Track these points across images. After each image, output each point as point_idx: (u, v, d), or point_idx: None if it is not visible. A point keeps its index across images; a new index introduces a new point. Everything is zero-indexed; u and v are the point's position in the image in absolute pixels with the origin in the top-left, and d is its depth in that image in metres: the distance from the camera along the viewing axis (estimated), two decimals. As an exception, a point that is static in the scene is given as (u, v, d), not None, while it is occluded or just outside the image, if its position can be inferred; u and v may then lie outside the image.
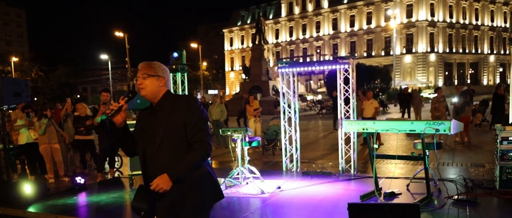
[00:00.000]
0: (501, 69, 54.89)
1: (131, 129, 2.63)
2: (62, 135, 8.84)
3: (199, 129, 2.47)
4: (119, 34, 42.81)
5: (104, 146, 8.16)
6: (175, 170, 2.40)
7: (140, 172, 7.08)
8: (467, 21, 52.10)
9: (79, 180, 6.79)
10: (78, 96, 59.86)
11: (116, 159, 8.92)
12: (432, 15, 49.35)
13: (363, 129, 5.20)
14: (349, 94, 7.17)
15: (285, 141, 7.94)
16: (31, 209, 5.60)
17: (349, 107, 7.28)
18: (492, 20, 54.14)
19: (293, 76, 7.82)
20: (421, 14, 48.75)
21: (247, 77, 37.21)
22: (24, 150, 8.49)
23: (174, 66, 8.62)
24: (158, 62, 2.64)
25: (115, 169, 8.74)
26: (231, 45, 72.19)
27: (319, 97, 40.46)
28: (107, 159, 8.45)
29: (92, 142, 8.73)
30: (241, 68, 61.75)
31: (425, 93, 34.77)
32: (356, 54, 54.75)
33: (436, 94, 12.93)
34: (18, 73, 52.34)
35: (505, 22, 52.72)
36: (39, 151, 8.35)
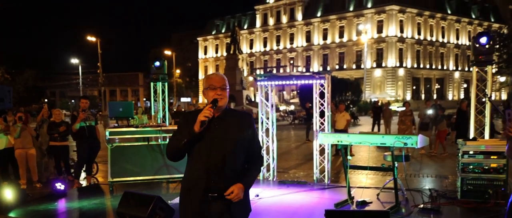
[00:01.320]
0: (465, 85, 57.36)
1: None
2: (38, 140, 8.78)
3: (259, 145, 2.78)
4: (91, 39, 42.21)
5: (82, 153, 8.18)
6: (249, 181, 2.64)
7: (122, 179, 7.23)
8: (434, 39, 54.34)
9: (59, 186, 6.82)
10: (46, 100, 58.15)
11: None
12: (402, 31, 51.23)
13: (338, 141, 5.57)
14: (324, 107, 7.55)
15: (263, 151, 8.23)
16: (12, 215, 5.63)
17: (324, 120, 7.66)
18: (457, 38, 56.71)
19: (272, 90, 8.15)
20: (391, 30, 50.52)
21: (221, 86, 37.38)
22: (3, 155, 8.37)
23: (154, 76, 8.78)
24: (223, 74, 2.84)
25: (91, 176, 8.78)
26: (205, 53, 72.26)
27: (292, 107, 41.07)
28: (84, 165, 8.48)
29: (66, 148, 8.65)
30: (215, 77, 61.71)
31: (393, 106, 35.96)
32: (328, 67, 56.01)
33: (404, 108, 13.61)
34: (-18, 74, 50.47)
35: (469, 40, 55.26)
36: (14, 156, 8.26)
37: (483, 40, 6.21)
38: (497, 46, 39.50)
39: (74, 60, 51.73)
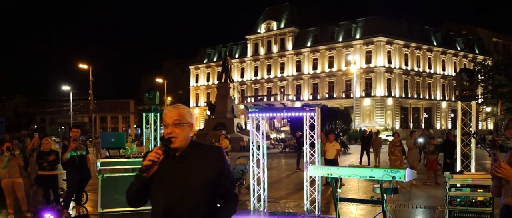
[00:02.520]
0: (452, 115, 58.30)
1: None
2: (27, 169, 8.71)
3: (231, 181, 2.46)
4: (83, 66, 42.30)
5: (72, 183, 8.14)
6: None
7: (112, 210, 7.19)
8: (421, 69, 55.55)
9: (49, 216, 6.76)
10: (36, 127, 57.58)
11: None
12: (389, 62, 52.34)
13: (328, 174, 5.67)
14: (314, 139, 7.69)
15: (254, 181, 8.27)
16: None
17: (314, 151, 7.78)
18: (444, 69, 58.04)
19: (262, 121, 8.28)
20: (379, 60, 51.58)
21: (212, 114, 37.55)
22: None
23: (146, 107, 8.90)
24: (184, 106, 2.47)
25: (80, 206, 8.69)
26: (196, 81, 72.70)
27: (282, 136, 41.20)
28: (74, 195, 8.41)
29: (55, 178, 8.58)
30: (206, 104, 62.09)
31: (383, 135, 36.31)
32: (318, 96, 56.62)
33: (393, 138, 13.81)
34: (-29, 100, 50.05)
35: (455, 71, 56.56)
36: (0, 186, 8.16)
37: (466, 76, 6.46)
38: (482, 77, 40.44)
39: (65, 87, 51.62)
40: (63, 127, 60.23)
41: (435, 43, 56.52)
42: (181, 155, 2.33)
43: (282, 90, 60.61)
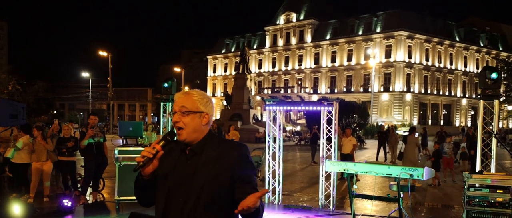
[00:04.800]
0: (472, 113, 57.11)
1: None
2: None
3: (252, 186, 1.89)
4: (102, 53, 42.82)
5: (89, 169, 8.27)
6: None
7: (128, 198, 7.29)
8: (442, 65, 54.43)
9: (66, 202, 6.90)
10: (55, 112, 58.84)
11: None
12: (410, 57, 51.42)
13: (344, 170, 5.61)
14: (331, 134, 7.62)
15: (269, 174, 8.27)
16: (20, 230, 5.71)
17: (330, 146, 7.72)
18: (465, 66, 56.75)
19: (280, 114, 8.25)
20: (399, 55, 50.73)
21: (228, 105, 37.65)
22: (18, 168, 8.43)
23: (164, 96, 8.95)
24: (200, 91, 2.04)
25: (97, 192, 8.84)
26: (214, 71, 72.87)
27: (298, 128, 41.06)
28: (91, 182, 8.56)
29: (73, 164, 8.74)
30: (222, 94, 62.28)
31: (400, 131, 35.82)
32: (336, 89, 56.14)
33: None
34: (-6, 85, 51.26)
35: (477, 68, 55.30)
36: (26, 171, 8.33)
37: (493, 75, 6.27)
38: (505, 75, 39.45)
39: (85, 74, 52.42)
40: (81, 113, 61.31)
41: (457, 39, 55.24)
42: (192, 150, 1.93)
43: (299, 82, 60.26)
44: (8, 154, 8.46)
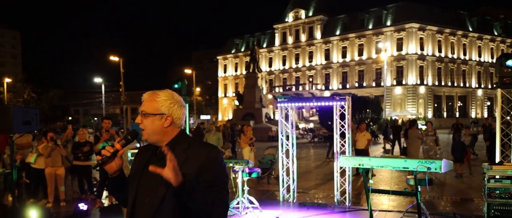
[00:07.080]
0: (488, 103, 56.09)
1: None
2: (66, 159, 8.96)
3: (217, 191, 1.84)
4: (114, 58, 43.14)
5: (104, 173, 8.31)
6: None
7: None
8: (455, 56, 53.55)
9: (82, 206, 6.94)
10: (70, 118, 59.64)
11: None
12: (422, 49, 50.71)
13: (359, 165, 5.51)
14: (345, 129, 7.51)
15: (283, 172, 8.20)
16: (37, 235, 5.75)
17: (344, 141, 7.61)
18: (480, 56, 55.71)
19: (292, 111, 8.16)
20: (411, 47, 50.08)
21: (240, 104, 37.67)
22: (37, 173, 8.55)
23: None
24: (166, 93, 1.97)
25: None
26: (224, 71, 72.98)
27: (311, 125, 40.87)
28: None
29: (89, 168, 8.81)
30: (234, 94, 62.37)
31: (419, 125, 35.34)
32: (347, 85, 55.69)
33: (426, 127, 13.41)
34: (10, 94, 52.17)
35: (492, 57, 54.24)
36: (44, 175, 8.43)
37: (510, 62, 6.09)
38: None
39: (97, 79, 52.94)
40: (95, 118, 62.00)
41: (470, 29, 54.26)
42: (161, 151, 1.83)
43: (310, 79, 59.97)
44: (30, 159, 8.58)
